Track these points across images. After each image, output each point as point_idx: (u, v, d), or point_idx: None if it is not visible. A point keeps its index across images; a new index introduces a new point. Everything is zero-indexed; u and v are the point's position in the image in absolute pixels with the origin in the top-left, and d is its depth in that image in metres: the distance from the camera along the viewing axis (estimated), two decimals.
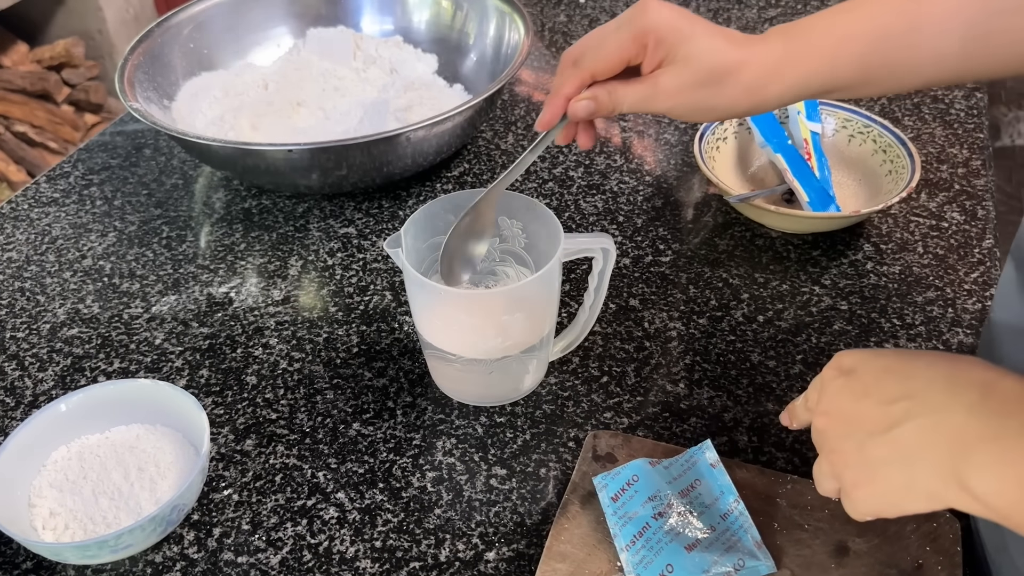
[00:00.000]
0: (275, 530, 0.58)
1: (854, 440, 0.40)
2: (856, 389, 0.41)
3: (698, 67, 0.49)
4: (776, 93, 0.50)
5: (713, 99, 0.50)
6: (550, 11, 1.23)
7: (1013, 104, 2.67)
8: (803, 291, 0.74)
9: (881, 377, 0.40)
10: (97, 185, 0.92)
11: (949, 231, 0.79)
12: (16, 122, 2.00)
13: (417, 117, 0.90)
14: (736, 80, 0.49)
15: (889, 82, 0.50)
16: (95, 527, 0.56)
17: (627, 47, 0.50)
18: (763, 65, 0.49)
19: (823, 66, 0.49)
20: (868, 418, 0.39)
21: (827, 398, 0.43)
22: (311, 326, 0.73)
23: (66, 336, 0.73)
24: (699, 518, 0.54)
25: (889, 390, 0.39)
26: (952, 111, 0.96)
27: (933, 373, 0.39)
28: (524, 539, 0.56)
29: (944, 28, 0.47)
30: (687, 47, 0.49)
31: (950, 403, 0.37)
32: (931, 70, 0.49)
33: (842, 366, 0.43)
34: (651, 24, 0.49)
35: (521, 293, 0.59)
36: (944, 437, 0.36)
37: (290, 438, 0.64)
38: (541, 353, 0.64)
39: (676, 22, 0.49)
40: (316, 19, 1.05)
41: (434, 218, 0.64)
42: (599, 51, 0.51)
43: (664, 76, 0.50)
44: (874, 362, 0.41)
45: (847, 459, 0.41)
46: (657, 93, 0.50)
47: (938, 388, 0.38)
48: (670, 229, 0.82)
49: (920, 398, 0.38)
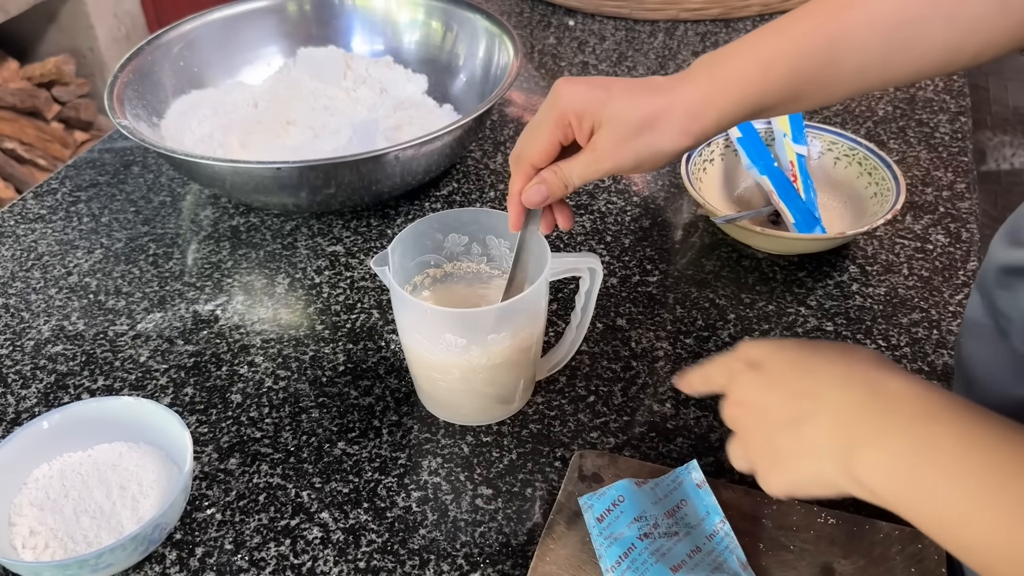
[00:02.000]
0: (258, 550, 0.57)
1: (765, 431, 0.44)
2: (763, 382, 0.45)
3: (626, 121, 0.52)
4: (712, 122, 0.51)
5: (653, 145, 0.52)
6: (540, 33, 1.24)
7: (998, 129, 2.70)
8: (789, 312, 0.74)
9: (786, 371, 0.44)
10: (84, 202, 0.92)
11: (934, 253, 0.80)
12: (5, 139, 2.00)
13: (406, 136, 0.90)
14: (667, 122, 0.51)
15: (818, 96, 0.52)
16: (76, 546, 0.55)
17: (553, 131, 0.54)
18: (691, 101, 0.51)
19: (752, 90, 0.50)
20: (776, 412, 0.43)
21: (738, 389, 0.46)
22: (297, 344, 0.73)
23: (50, 353, 0.73)
24: (685, 539, 0.54)
25: (793, 385, 0.43)
26: (937, 135, 0.97)
27: (832, 371, 0.43)
28: (509, 560, 0.56)
29: (864, 42, 0.49)
30: (609, 109, 0.52)
31: (844, 401, 0.41)
32: (856, 82, 0.51)
33: (750, 358, 0.46)
34: (566, 105, 0.52)
35: (507, 312, 0.59)
36: (840, 435, 0.40)
37: (274, 457, 0.63)
38: (527, 372, 0.64)
39: (590, 93, 0.52)
40: (307, 39, 1.06)
41: (422, 236, 0.65)
42: (531, 143, 0.55)
43: (599, 139, 0.53)
44: (779, 355, 0.45)
45: (760, 447, 0.44)
46: (598, 157, 0.53)
47: (836, 387, 0.42)
48: (657, 249, 0.82)
49: (821, 397, 0.42)
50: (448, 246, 0.67)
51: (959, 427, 0.37)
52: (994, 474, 0.35)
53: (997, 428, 0.37)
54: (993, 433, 0.37)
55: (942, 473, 0.36)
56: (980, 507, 0.35)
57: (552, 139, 0.54)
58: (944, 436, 0.37)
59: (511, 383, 0.63)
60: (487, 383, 0.62)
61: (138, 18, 2.26)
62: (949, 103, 1.03)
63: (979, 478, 0.36)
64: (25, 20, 2.08)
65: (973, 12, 0.47)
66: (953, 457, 0.36)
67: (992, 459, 0.36)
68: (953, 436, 0.37)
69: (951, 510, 0.36)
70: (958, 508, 0.36)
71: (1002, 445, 0.36)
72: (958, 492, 0.36)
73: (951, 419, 0.37)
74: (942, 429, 0.37)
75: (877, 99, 1.04)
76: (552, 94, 0.53)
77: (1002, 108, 2.80)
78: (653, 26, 1.24)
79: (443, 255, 0.67)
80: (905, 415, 0.38)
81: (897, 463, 0.37)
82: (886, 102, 1.03)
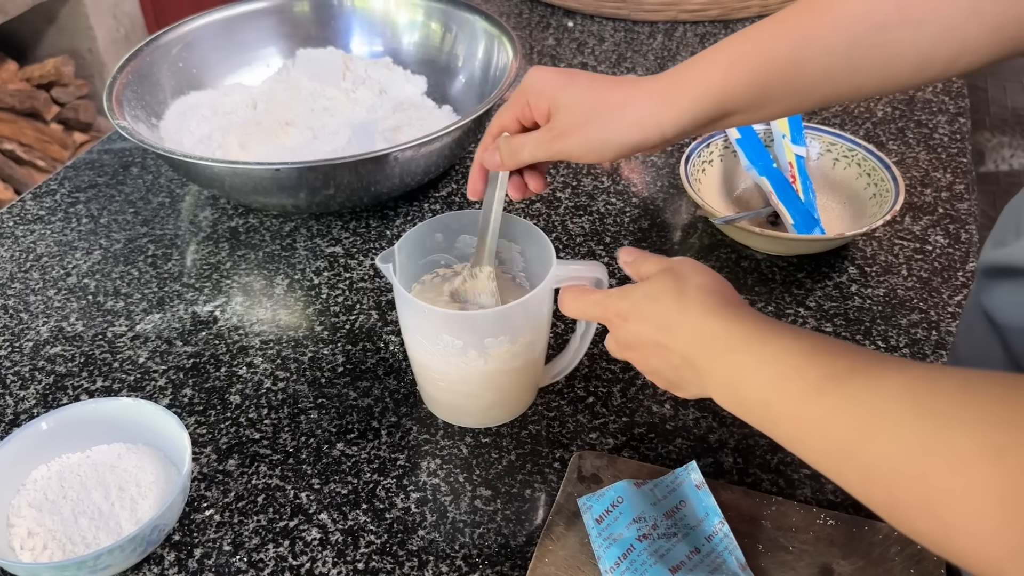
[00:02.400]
0: (256, 551, 0.57)
1: (651, 366, 0.51)
2: (635, 333, 0.51)
3: (580, 105, 0.53)
4: (670, 121, 0.52)
5: (604, 132, 0.53)
6: (539, 34, 1.24)
7: (997, 130, 2.71)
8: (788, 313, 0.74)
9: (646, 325, 0.50)
10: (83, 203, 0.92)
11: (933, 254, 0.80)
12: (4, 140, 2.00)
13: (405, 137, 0.90)
14: (623, 113, 0.52)
15: (787, 101, 0.52)
16: (74, 547, 0.55)
17: (513, 108, 0.57)
18: (649, 96, 0.52)
19: (714, 90, 0.51)
20: (651, 355, 0.50)
21: (621, 338, 0.52)
22: (296, 345, 0.73)
23: (49, 354, 0.73)
24: (684, 540, 0.54)
25: (656, 337, 0.49)
26: (936, 136, 0.97)
27: (676, 321, 0.48)
28: (508, 561, 0.56)
29: (829, 45, 0.49)
30: (566, 92, 0.54)
31: (688, 347, 0.48)
32: (823, 86, 0.51)
33: (619, 311, 0.52)
34: (529, 84, 0.56)
35: (504, 317, 0.58)
36: (695, 375, 0.48)
37: (273, 458, 0.63)
38: (528, 378, 0.64)
39: (553, 77, 0.55)
40: (306, 40, 1.06)
41: (427, 238, 0.64)
42: (496, 118, 0.59)
43: (555, 121, 0.55)
44: (638, 312, 0.50)
45: (657, 377, 0.51)
46: (552, 137, 0.55)
47: (682, 337, 0.48)
48: (656, 250, 0.82)
49: (675, 344, 0.48)
50: (459, 247, 0.66)
51: (754, 352, 0.44)
52: (781, 378, 0.42)
53: (783, 343, 0.43)
54: (779, 347, 0.43)
55: (747, 390, 0.43)
56: (779, 399, 0.41)
57: (511, 115, 0.57)
58: (744, 362, 0.44)
59: (510, 388, 0.63)
60: (486, 387, 0.61)
61: (137, 19, 2.26)
62: (948, 104, 1.03)
63: (771, 383, 0.42)
64: (24, 21, 2.08)
65: (942, 18, 0.47)
66: (751, 374, 0.43)
67: (778, 369, 0.42)
68: (752, 361, 0.43)
69: (762, 414, 0.43)
70: (764, 410, 0.42)
71: (785, 355, 0.42)
72: (759, 400, 0.43)
73: (749, 347, 0.44)
74: (741, 357, 0.44)
75: (876, 100, 1.04)
76: (524, 77, 0.57)
77: (1000, 109, 2.81)
78: (652, 27, 1.24)
79: (454, 255, 0.67)
80: (718, 351, 0.45)
81: (725, 388, 0.45)
82: (885, 103, 1.03)
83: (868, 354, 0.40)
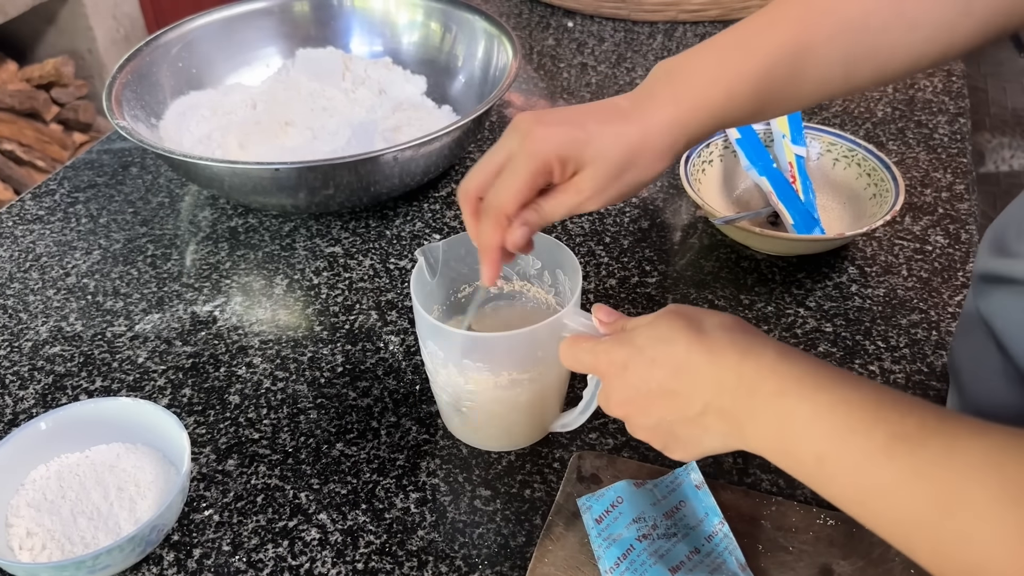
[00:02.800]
0: (256, 551, 0.57)
1: (655, 420, 0.47)
2: (639, 384, 0.46)
3: (610, 161, 0.50)
4: (683, 144, 0.51)
5: (635, 179, 0.51)
6: (539, 34, 1.24)
7: (997, 131, 2.71)
8: (788, 313, 0.74)
9: (654, 372, 0.46)
10: (83, 203, 0.92)
11: (933, 254, 0.80)
12: (4, 140, 2.00)
13: (405, 137, 0.90)
14: (646, 153, 0.50)
15: (780, 108, 0.52)
16: (73, 547, 0.55)
17: (534, 181, 0.50)
18: (662, 129, 0.50)
19: (718, 111, 0.50)
20: (663, 407, 0.46)
21: (617, 388, 0.48)
22: (295, 345, 0.73)
23: (48, 354, 0.73)
24: (684, 540, 0.54)
25: (669, 385, 0.45)
26: (936, 136, 0.97)
27: (699, 363, 0.44)
28: (508, 561, 0.56)
29: (827, 56, 0.49)
30: (592, 149, 0.49)
31: (719, 391, 0.43)
32: (818, 93, 0.51)
33: (616, 361, 0.47)
34: (548, 152, 0.49)
35: (479, 344, 0.55)
36: (726, 421, 0.43)
37: (272, 458, 0.63)
38: (520, 417, 0.60)
39: (569, 135, 0.49)
40: (305, 40, 1.06)
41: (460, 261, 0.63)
42: (505, 192, 0.50)
43: (583, 181, 0.50)
44: (641, 358, 0.46)
45: (653, 431, 0.47)
46: (583, 200, 0.51)
47: (708, 382, 0.44)
48: (656, 250, 0.82)
49: (697, 393, 0.44)
50: (521, 264, 0.64)
51: (808, 399, 0.40)
52: (842, 432, 0.39)
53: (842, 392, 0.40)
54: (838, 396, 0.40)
55: (799, 440, 0.40)
56: (837, 455, 0.39)
57: (533, 187, 0.50)
58: (796, 409, 0.40)
59: (492, 420, 0.60)
60: (468, 408, 0.60)
61: (137, 19, 2.26)
62: (948, 104, 1.03)
63: (830, 437, 0.39)
64: (24, 22, 2.08)
65: (936, 18, 0.47)
66: (805, 424, 0.40)
67: (838, 421, 0.39)
68: (807, 409, 0.40)
69: (814, 469, 0.40)
70: (817, 465, 0.40)
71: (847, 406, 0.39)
72: (813, 453, 0.40)
73: (802, 392, 0.41)
74: (792, 402, 0.41)
75: (876, 100, 1.04)
76: (526, 140, 0.49)
77: (1000, 110, 2.81)
78: (652, 27, 1.24)
79: (514, 270, 0.65)
80: (765, 394, 0.41)
81: (769, 437, 0.42)
82: (885, 103, 1.03)
83: (936, 412, 0.37)
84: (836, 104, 1.03)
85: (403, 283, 0.79)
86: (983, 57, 3.03)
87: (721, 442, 0.45)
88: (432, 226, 0.86)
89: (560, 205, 0.51)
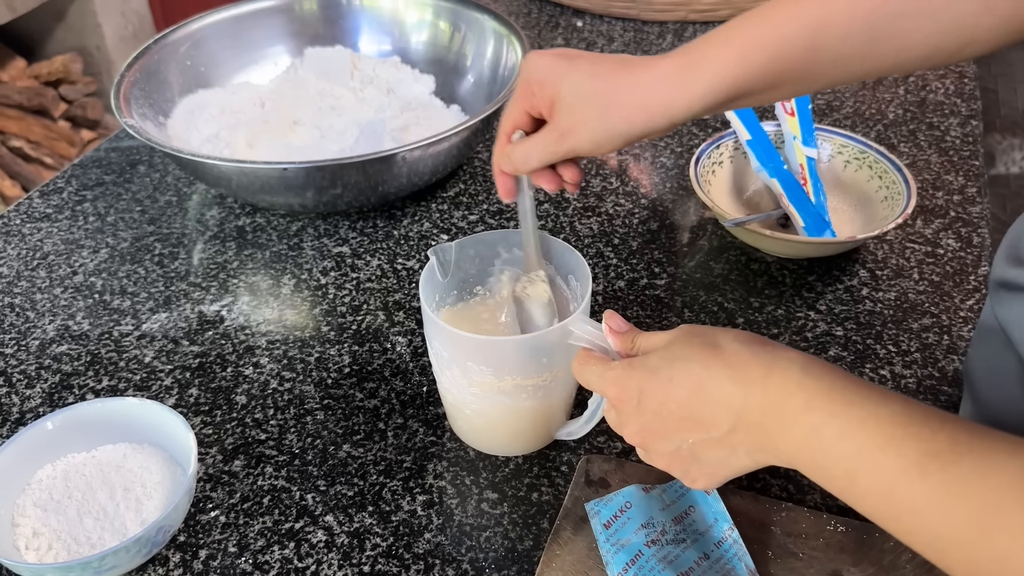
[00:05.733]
0: (262, 553, 0.57)
1: (679, 446, 0.45)
2: (651, 409, 0.45)
3: (583, 96, 0.50)
4: (682, 107, 0.50)
5: (610, 123, 0.51)
6: (548, 34, 1.24)
7: (1008, 132, 2.69)
8: (798, 316, 0.74)
9: (676, 390, 0.44)
10: (90, 201, 0.92)
11: (945, 258, 0.79)
12: (12, 137, 2.00)
13: (414, 137, 0.90)
14: (629, 100, 0.50)
15: (797, 86, 0.50)
16: (79, 548, 0.55)
17: (521, 100, 0.54)
18: (659, 82, 0.49)
19: (729, 76, 0.49)
20: (685, 429, 0.44)
21: (633, 421, 0.47)
22: (303, 345, 0.73)
23: (55, 353, 0.73)
24: (693, 546, 0.53)
25: (694, 411, 0.44)
26: (948, 138, 0.96)
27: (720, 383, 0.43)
28: (515, 565, 0.55)
29: (846, 31, 0.48)
30: (568, 82, 0.51)
31: (745, 412, 0.42)
32: (835, 72, 0.50)
33: (628, 388, 0.46)
34: (530, 73, 0.53)
35: (483, 346, 0.55)
36: (758, 439, 0.43)
37: (279, 459, 0.63)
38: (521, 423, 0.60)
39: (552, 64, 0.51)
40: (314, 39, 1.05)
41: (503, 245, 0.62)
42: (505, 113, 0.56)
43: (557, 115, 0.52)
44: (655, 384, 0.45)
45: (674, 459, 0.46)
46: (558, 137, 0.52)
47: (731, 405, 0.43)
48: (665, 252, 0.82)
49: (715, 415, 0.43)
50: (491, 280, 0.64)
51: (838, 415, 0.40)
52: (872, 450, 0.38)
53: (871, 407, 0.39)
54: (867, 411, 0.39)
55: (829, 457, 0.40)
56: (868, 473, 0.38)
57: (520, 108, 0.54)
58: (826, 425, 0.40)
59: (495, 424, 0.60)
60: (473, 411, 0.59)
61: (145, 17, 2.27)
62: (960, 106, 1.02)
63: (861, 455, 0.39)
64: (33, 18, 2.08)
65: (957, 10, 0.47)
66: (834, 440, 0.39)
67: (868, 438, 0.38)
68: (836, 424, 0.40)
69: (846, 485, 0.40)
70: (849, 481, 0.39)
71: (876, 422, 0.39)
72: (844, 470, 0.39)
73: (831, 408, 0.40)
74: (821, 418, 0.40)
75: (887, 102, 1.03)
76: (521, 65, 0.54)
77: (1011, 111, 2.79)
78: (662, 27, 1.24)
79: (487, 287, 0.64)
80: (793, 410, 0.41)
81: (802, 450, 0.41)
82: (896, 105, 1.02)
83: (967, 428, 0.37)
84: (847, 106, 1.03)
85: (411, 283, 0.79)
86: (993, 57, 3.01)
87: (751, 459, 0.44)
88: (440, 226, 0.86)
89: (537, 142, 0.53)
